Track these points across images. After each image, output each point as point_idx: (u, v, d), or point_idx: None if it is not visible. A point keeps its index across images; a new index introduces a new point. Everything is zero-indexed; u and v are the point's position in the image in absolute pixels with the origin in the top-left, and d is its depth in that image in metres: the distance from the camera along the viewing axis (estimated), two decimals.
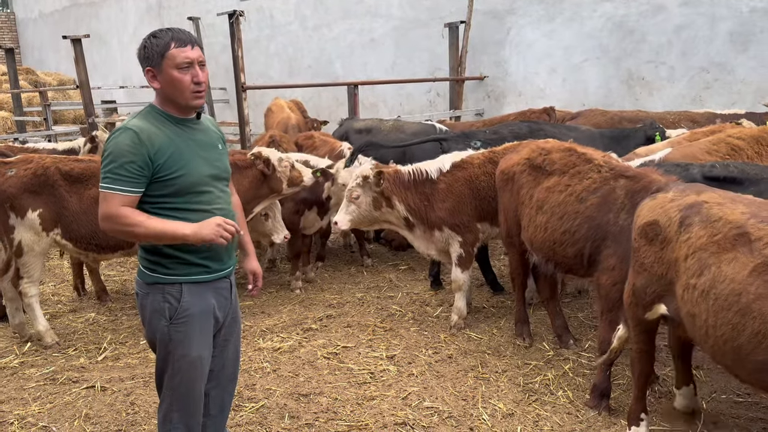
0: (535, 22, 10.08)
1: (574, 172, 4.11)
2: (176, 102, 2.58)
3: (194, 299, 2.64)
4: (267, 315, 5.60)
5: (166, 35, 2.51)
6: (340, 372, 4.44)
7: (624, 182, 3.86)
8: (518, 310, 4.95)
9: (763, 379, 2.65)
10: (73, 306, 6.03)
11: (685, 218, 2.96)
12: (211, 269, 2.68)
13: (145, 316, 2.69)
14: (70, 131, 12.14)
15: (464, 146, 5.94)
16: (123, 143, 2.48)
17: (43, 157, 5.04)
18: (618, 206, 3.79)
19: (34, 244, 4.87)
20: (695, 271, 2.82)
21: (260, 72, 14.37)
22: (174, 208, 2.57)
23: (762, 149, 4.86)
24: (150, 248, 2.62)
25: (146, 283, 2.66)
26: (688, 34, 8.57)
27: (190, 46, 2.52)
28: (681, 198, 3.10)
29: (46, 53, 21.56)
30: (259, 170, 5.41)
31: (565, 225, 4.01)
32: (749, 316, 2.58)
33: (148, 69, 2.54)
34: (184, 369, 2.66)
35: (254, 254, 3.10)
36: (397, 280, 6.46)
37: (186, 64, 2.50)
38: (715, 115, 7.25)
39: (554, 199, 4.13)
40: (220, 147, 2.79)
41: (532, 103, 9.36)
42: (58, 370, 4.59)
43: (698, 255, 2.83)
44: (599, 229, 3.86)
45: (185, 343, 2.63)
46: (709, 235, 2.81)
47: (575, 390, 4.12)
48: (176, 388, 2.68)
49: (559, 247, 4.08)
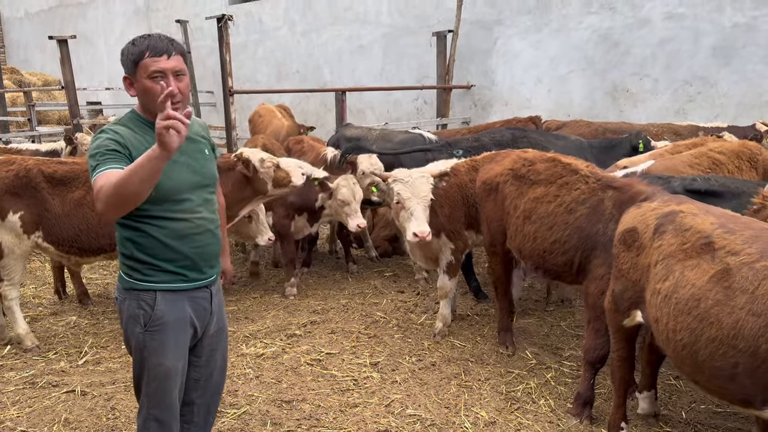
0: (522, 32, 10.18)
1: (562, 183, 4.17)
2: (151, 110, 2.49)
3: (168, 307, 2.59)
4: (251, 320, 5.58)
5: (143, 44, 2.45)
6: (323, 379, 4.44)
7: (612, 193, 3.94)
8: (501, 318, 4.98)
9: (720, 385, 2.69)
10: (54, 309, 5.96)
11: (660, 226, 3.05)
12: (188, 278, 2.62)
13: (122, 321, 2.67)
14: (55, 132, 12.06)
15: (448, 155, 5.99)
16: (104, 137, 2.45)
17: (25, 159, 4.98)
18: (607, 217, 3.87)
19: (14, 247, 4.82)
20: (662, 277, 2.90)
21: (248, 76, 14.35)
22: (152, 216, 2.50)
23: (742, 164, 4.95)
24: (128, 254, 2.58)
25: (123, 288, 2.63)
26: (672, 48, 8.70)
27: (165, 56, 2.44)
28: (662, 207, 3.19)
29: (32, 53, 21.35)
30: (241, 172, 5.34)
31: (555, 235, 4.07)
32: (707, 321, 2.63)
33: (125, 77, 2.52)
34: (160, 377, 2.62)
35: (227, 254, 3.08)
36: (382, 286, 6.46)
37: (158, 74, 2.43)
38: (697, 127, 7.37)
39: (543, 209, 4.19)
40: (207, 153, 2.74)
41: (519, 113, 9.43)
42: (38, 374, 4.54)
43: (666, 261, 2.91)
44: (589, 239, 3.92)
45: (159, 352, 2.59)
46: (679, 243, 2.89)
47: (557, 399, 4.15)
48: (152, 395, 2.65)
49: (549, 256, 4.13)
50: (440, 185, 4.90)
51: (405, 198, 4.66)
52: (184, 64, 2.54)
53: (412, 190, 4.65)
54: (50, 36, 9.58)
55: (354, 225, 5.84)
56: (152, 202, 2.47)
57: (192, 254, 2.59)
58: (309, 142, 7.80)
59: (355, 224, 5.83)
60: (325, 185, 5.92)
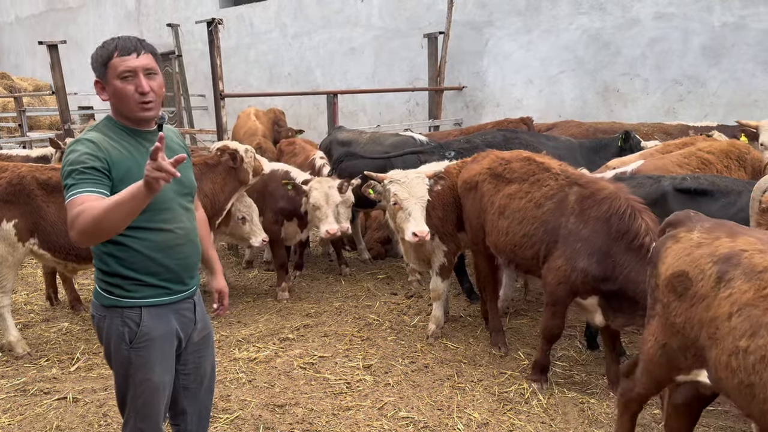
0: (512, 33, 10.20)
1: (534, 180, 4.37)
2: (124, 114, 2.44)
3: (154, 322, 2.52)
4: (243, 325, 5.57)
5: (111, 44, 2.39)
6: (316, 382, 4.43)
7: (576, 189, 4.10)
8: (492, 319, 5.00)
9: None
10: (45, 315, 5.94)
11: (724, 273, 2.49)
12: (172, 291, 2.56)
13: (103, 338, 2.57)
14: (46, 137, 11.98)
15: (440, 157, 6.00)
16: (81, 152, 2.32)
17: (18, 166, 4.95)
18: (569, 211, 4.04)
19: (8, 255, 4.79)
20: (745, 332, 2.34)
21: (239, 79, 14.33)
22: (134, 227, 2.34)
23: (731, 163, 4.98)
24: (108, 270, 2.49)
25: (103, 305, 2.52)
26: (662, 48, 8.74)
27: (135, 55, 2.37)
28: (711, 243, 2.63)
29: (22, 58, 21.27)
30: (227, 164, 5.58)
31: (524, 229, 4.26)
32: None
33: (96, 81, 2.43)
34: (147, 392, 2.56)
35: (221, 272, 2.99)
36: (375, 289, 6.46)
37: (127, 73, 2.36)
38: (687, 127, 7.40)
39: (515, 205, 4.38)
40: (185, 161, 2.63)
41: (510, 114, 9.46)
42: (29, 381, 4.52)
43: (747, 312, 2.35)
44: (552, 232, 4.09)
45: (146, 368, 2.53)
46: (756, 288, 2.37)
47: (549, 399, 4.16)
48: (140, 410, 2.60)
49: (519, 250, 4.32)
50: (435, 188, 4.93)
51: (402, 198, 4.66)
52: (156, 63, 2.46)
53: (409, 190, 4.66)
54: (40, 41, 9.52)
55: (323, 230, 5.71)
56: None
57: (175, 266, 2.53)
58: (301, 144, 7.82)
59: (325, 230, 5.68)
60: (297, 187, 5.92)
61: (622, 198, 3.88)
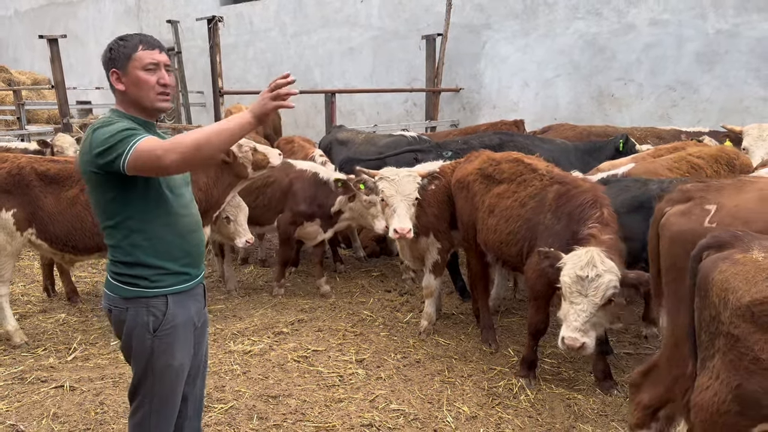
0: (510, 37, 10.31)
1: (521, 180, 4.55)
2: (141, 104, 2.54)
3: (178, 309, 2.62)
4: (239, 318, 5.65)
5: (134, 38, 2.55)
6: (309, 375, 4.52)
7: (556, 187, 4.28)
8: (483, 316, 5.10)
9: None
10: (43, 306, 6.00)
11: None
12: (191, 276, 2.68)
13: (123, 331, 2.61)
14: (44, 131, 12.03)
15: (437, 156, 6.08)
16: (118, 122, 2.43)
17: (18, 157, 5.03)
18: (546, 208, 4.22)
19: (6, 244, 4.86)
20: None
21: (238, 77, 14.40)
22: (158, 214, 2.53)
23: (720, 168, 5.08)
24: (131, 261, 2.54)
25: (125, 297, 2.56)
26: (657, 53, 8.85)
27: (158, 50, 2.55)
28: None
29: (21, 52, 21.28)
30: (222, 159, 5.39)
31: (510, 227, 4.44)
32: None
33: (113, 71, 2.53)
34: (168, 377, 2.65)
35: None
36: (369, 286, 6.55)
37: (153, 65, 2.52)
38: (680, 132, 7.50)
39: (503, 204, 4.56)
40: None
41: (506, 116, 9.59)
42: (27, 370, 4.59)
43: None
44: (533, 229, 4.27)
45: (168, 353, 2.61)
46: None
47: (537, 394, 4.25)
48: (157, 395, 2.66)
49: (505, 247, 4.49)
50: (429, 187, 5.01)
51: (388, 195, 4.77)
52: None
53: (397, 188, 4.77)
54: (40, 35, 9.59)
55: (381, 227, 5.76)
56: (156, 200, 2.53)
57: (193, 251, 2.66)
58: (299, 142, 7.87)
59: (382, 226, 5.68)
60: (348, 187, 5.89)
61: (591, 193, 4.06)
